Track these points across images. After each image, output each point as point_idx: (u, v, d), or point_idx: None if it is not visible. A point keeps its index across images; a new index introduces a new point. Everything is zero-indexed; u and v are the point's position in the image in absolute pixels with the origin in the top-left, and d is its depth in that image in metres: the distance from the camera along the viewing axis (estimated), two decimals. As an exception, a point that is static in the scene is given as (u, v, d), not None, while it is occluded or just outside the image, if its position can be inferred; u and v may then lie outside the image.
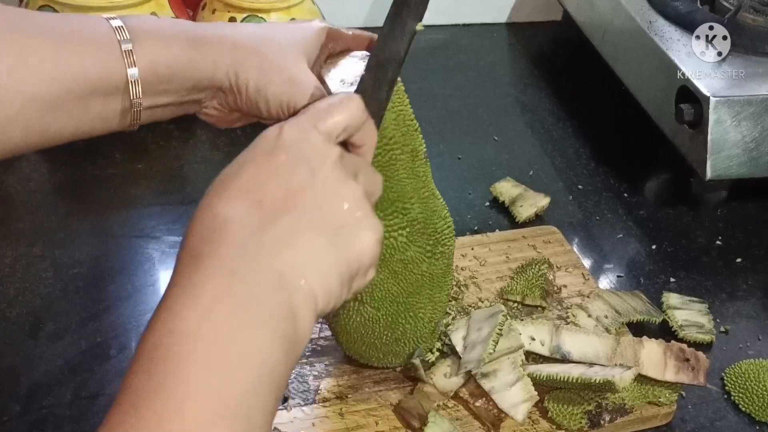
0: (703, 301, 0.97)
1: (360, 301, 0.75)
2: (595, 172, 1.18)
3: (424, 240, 0.74)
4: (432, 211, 0.74)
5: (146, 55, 0.61)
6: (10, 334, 0.85)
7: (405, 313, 0.76)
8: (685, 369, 0.82)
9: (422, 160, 0.73)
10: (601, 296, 0.93)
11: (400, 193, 0.71)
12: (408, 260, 0.73)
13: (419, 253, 0.74)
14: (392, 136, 0.69)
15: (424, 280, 0.75)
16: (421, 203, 0.73)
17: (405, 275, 0.74)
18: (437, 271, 0.76)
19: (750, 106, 1.01)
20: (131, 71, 0.61)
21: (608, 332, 0.88)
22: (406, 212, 0.71)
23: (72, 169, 1.07)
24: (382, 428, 0.78)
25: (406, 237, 0.72)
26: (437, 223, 0.75)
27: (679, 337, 0.91)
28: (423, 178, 0.73)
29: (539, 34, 1.49)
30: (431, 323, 0.79)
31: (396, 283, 0.74)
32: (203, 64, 0.64)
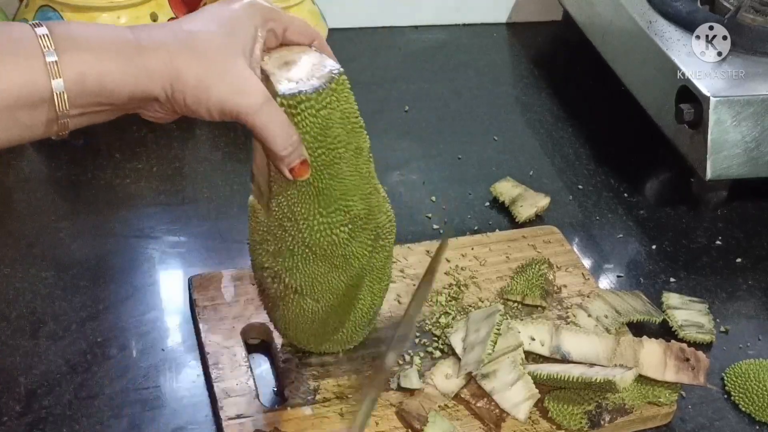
0: (703, 301, 0.97)
1: (300, 294, 0.75)
2: (595, 172, 1.18)
3: (366, 235, 0.74)
4: (374, 207, 0.74)
5: (74, 67, 0.59)
6: (10, 334, 0.85)
7: (345, 304, 0.77)
8: (685, 369, 0.82)
9: (366, 157, 0.72)
10: (601, 296, 0.93)
11: (343, 191, 0.71)
12: (349, 255, 0.74)
13: (360, 247, 0.74)
14: (337, 135, 0.68)
15: (365, 273, 0.76)
16: (363, 200, 0.73)
17: (346, 269, 0.74)
18: (377, 263, 0.77)
19: (750, 106, 1.01)
20: (56, 83, 0.59)
21: (608, 332, 0.88)
22: (348, 209, 0.72)
23: (72, 169, 1.07)
24: (382, 428, 0.78)
25: (348, 233, 0.72)
26: (379, 218, 0.75)
27: (679, 337, 0.91)
28: (366, 175, 0.73)
29: (539, 34, 1.49)
30: (370, 312, 0.81)
31: (336, 276, 0.75)
32: (137, 78, 0.61)
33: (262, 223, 0.74)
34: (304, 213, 0.70)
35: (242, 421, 0.77)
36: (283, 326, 0.80)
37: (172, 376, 0.83)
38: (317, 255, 0.73)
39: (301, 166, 0.67)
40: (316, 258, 0.73)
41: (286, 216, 0.71)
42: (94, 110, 0.63)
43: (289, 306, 0.77)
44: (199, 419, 0.79)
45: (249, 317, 0.86)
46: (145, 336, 0.87)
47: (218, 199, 1.04)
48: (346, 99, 0.69)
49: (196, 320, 0.86)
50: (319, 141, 0.68)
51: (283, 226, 0.71)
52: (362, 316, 0.80)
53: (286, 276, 0.74)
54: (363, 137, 0.72)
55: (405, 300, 0.91)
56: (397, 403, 0.80)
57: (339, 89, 0.68)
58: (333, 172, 0.69)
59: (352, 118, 0.70)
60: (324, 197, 0.70)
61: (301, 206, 0.70)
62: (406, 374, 0.82)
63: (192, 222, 1.01)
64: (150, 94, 0.62)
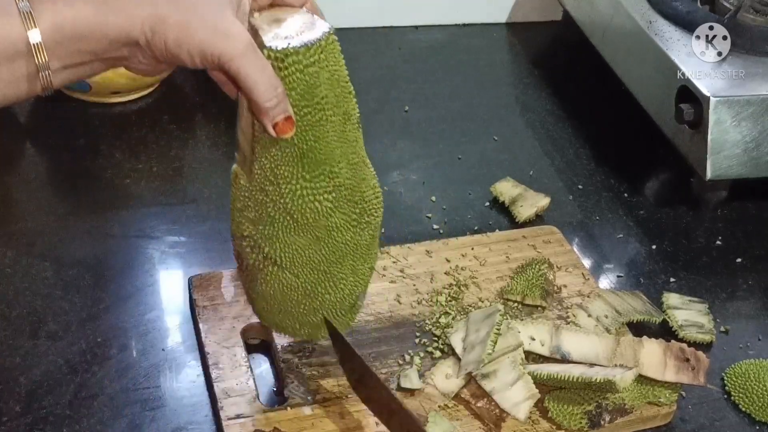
0: (703, 301, 0.97)
1: (280, 266, 0.73)
2: (595, 172, 1.18)
3: (351, 208, 0.72)
4: (361, 179, 0.72)
5: (49, 16, 0.58)
6: (10, 334, 0.85)
7: (325, 282, 0.74)
8: (685, 369, 0.82)
9: (354, 125, 0.70)
10: (601, 296, 0.93)
11: (328, 156, 0.68)
12: (332, 227, 0.71)
13: (344, 220, 0.72)
14: (324, 96, 0.66)
15: (348, 250, 0.73)
16: (349, 169, 0.70)
17: (328, 242, 0.72)
18: (362, 241, 0.74)
19: (750, 106, 1.01)
20: (32, 34, 0.58)
21: (608, 332, 0.88)
22: (333, 176, 0.69)
23: (72, 169, 1.07)
24: (382, 428, 0.78)
25: (332, 202, 0.70)
26: (365, 192, 0.73)
27: (680, 337, 0.91)
28: (354, 144, 0.71)
29: (539, 34, 1.49)
30: (352, 296, 0.77)
31: (318, 250, 0.72)
32: (115, 22, 0.60)
33: (243, 188, 0.71)
34: (287, 176, 0.68)
35: (242, 421, 0.77)
36: (261, 305, 0.77)
37: (172, 376, 0.83)
38: (299, 224, 0.70)
39: (286, 121, 0.65)
40: (298, 227, 0.70)
41: (268, 179, 0.68)
42: (76, 62, 0.61)
43: (268, 280, 0.74)
44: (199, 419, 0.79)
45: (249, 317, 0.86)
46: (145, 336, 0.87)
47: (218, 199, 1.04)
48: (335, 60, 0.67)
49: (196, 320, 0.86)
50: (306, 99, 0.66)
51: (265, 190, 0.69)
52: (344, 299, 0.76)
53: (265, 245, 0.72)
54: (352, 104, 0.70)
55: (405, 300, 0.91)
56: (397, 403, 0.80)
57: (328, 48, 0.66)
58: (318, 134, 0.67)
59: (341, 81, 0.68)
60: (308, 160, 0.68)
61: (284, 168, 0.68)
62: (406, 374, 0.82)
63: (192, 222, 1.01)
64: (130, 38, 0.60)
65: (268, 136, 0.66)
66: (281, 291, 0.74)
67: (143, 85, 1.17)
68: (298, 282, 0.73)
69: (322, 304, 0.75)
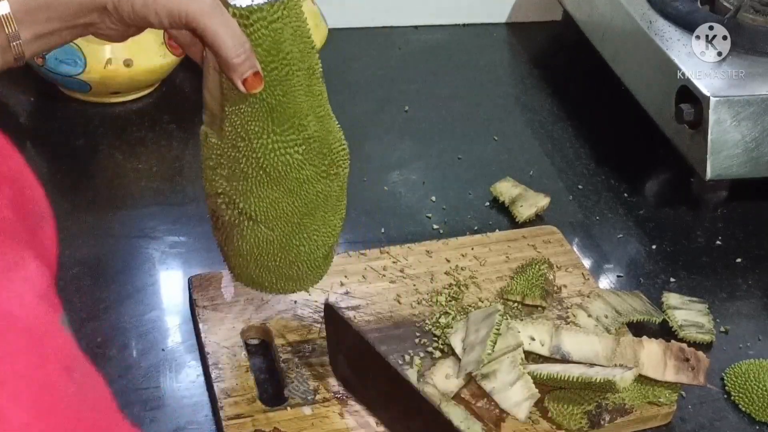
0: (703, 301, 0.97)
1: (254, 221, 0.74)
2: (595, 172, 1.18)
3: (320, 159, 0.73)
4: (328, 131, 0.74)
5: None
6: (10, 334, 0.85)
7: (299, 235, 0.76)
8: (684, 369, 0.82)
9: (318, 78, 0.72)
10: (601, 296, 0.93)
11: (296, 110, 0.70)
12: (303, 179, 0.73)
13: (315, 172, 0.73)
14: (289, 51, 0.68)
15: (319, 201, 0.75)
16: (317, 121, 0.72)
17: (300, 194, 0.74)
18: (332, 192, 0.76)
19: (750, 106, 1.01)
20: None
21: (608, 332, 0.88)
22: (302, 129, 0.71)
23: (72, 169, 1.07)
24: (382, 428, 0.78)
25: (302, 155, 0.72)
26: (333, 144, 0.75)
27: (679, 337, 0.91)
28: (319, 97, 0.72)
29: (539, 34, 1.49)
30: (325, 247, 0.79)
31: (291, 203, 0.74)
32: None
33: (215, 146, 0.73)
34: (257, 131, 0.70)
35: (242, 421, 0.77)
36: (237, 262, 0.79)
37: (172, 376, 0.83)
38: (271, 178, 0.72)
39: (254, 77, 0.66)
40: (271, 181, 0.72)
41: (239, 135, 0.70)
42: (45, 30, 0.61)
43: (244, 235, 0.75)
44: (199, 419, 0.79)
45: (249, 317, 0.86)
46: (145, 336, 0.86)
47: (218, 199, 1.04)
48: (297, 17, 0.69)
49: (196, 320, 0.86)
50: (272, 55, 0.67)
51: (237, 146, 0.71)
52: (317, 249, 0.78)
53: (240, 201, 0.73)
54: (315, 58, 0.72)
55: (405, 300, 0.91)
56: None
57: (290, 4, 0.68)
58: (286, 89, 0.69)
59: (304, 37, 0.70)
60: (277, 114, 0.69)
61: (255, 124, 0.70)
62: (406, 374, 0.82)
63: (192, 222, 1.01)
64: (97, 2, 0.61)
65: (237, 93, 0.68)
66: (257, 245, 0.76)
67: (143, 85, 1.17)
68: (273, 235, 0.75)
69: (298, 257, 0.77)
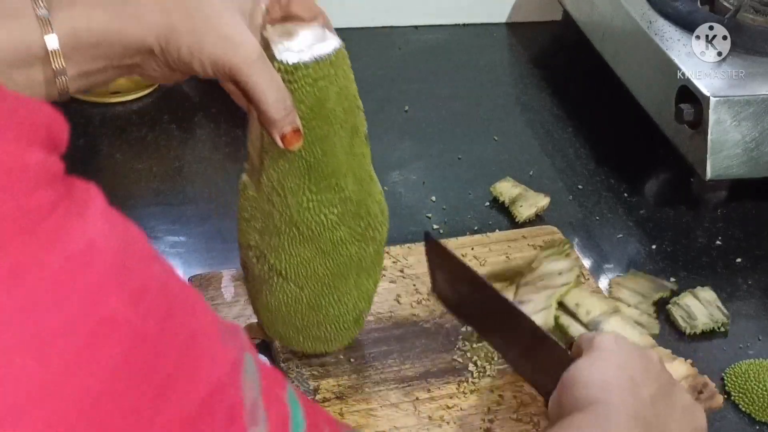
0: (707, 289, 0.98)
1: (284, 278, 0.73)
2: (595, 172, 1.17)
3: (356, 222, 0.73)
4: (367, 194, 0.73)
5: (66, 22, 0.59)
6: (10, 334, 0.85)
7: (329, 296, 0.75)
8: (689, 392, 0.80)
9: (362, 139, 0.71)
10: (621, 284, 0.95)
11: (335, 169, 0.69)
12: (337, 240, 0.72)
13: (349, 234, 0.72)
14: (332, 109, 0.67)
15: (352, 264, 0.74)
16: (356, 183, 0.71)
17: (333, 255, 0.73)
18: (366, 256, 0.75)
19: (750, 106, 1.01)
20: (49, 39, 0.58)
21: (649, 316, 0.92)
22: (339, 189, 0.70)
23: (72, 169, 1.07)
24: (382, 428, 0.78)
25: (337, 216, 0.71)
26: (371, 207, 0.73)
27: (688, 333, 0.93)
28: (360, 158, 0.71)
29: (539, 34, 1.49)
30: (355, 311, 0.78)
31: (323, 263, 0.73)
32: (130, 30, 0.60)
33: (251, 198, 0.72)
34: (293, 188, 0.69)
35: (242, 421, 0.77)
36: (266, 316, 0.78)
37: (172, 376, 0.83)
38: (304, 236, 0.71)
39: (294, 133, 0.66)
40: (303, 239, 0.71)
41: (275, 190, 0.69)
42: (91, 68, 0.62)
43: (273, 291, 0.75)
44: (199, 419, 0.79)
45: (249, 317, 0.86)
46: (145, 336, 0.86)
47: (218, 199, 1.04)
48: (345, 75, 0.68)
49: (196, 320, 0.86)
50: (314, 112, 0.66)
51: (272, 201, 0.70)
52: (347, 313, 0.77)
53: (271, 256, 0.73)
54: (360, 119, 0.71)
55: (405, 300, 0.91)
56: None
57: (338, 63, 0.67)
58: (326, 148, 0.68)
59: (350, 96, 0.69)
60: (315, 172, 0.69)
61: (291, 180, 0.69)
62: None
63: (192, 222, 1.01)
64: (144, 46, 0.61)
65: (277, 148, 0.67)
66: (285, 302, 0.75)
67: (143, 85, 1.17)
68: (302, 294, 0.74)
69: (326, 318, 0.77)
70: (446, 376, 0.84)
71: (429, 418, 0.80)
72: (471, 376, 0.84)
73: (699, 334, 0.93)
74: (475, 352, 0.86)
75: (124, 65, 0.63)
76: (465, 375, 0.84)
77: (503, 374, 0.84)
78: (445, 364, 0.85)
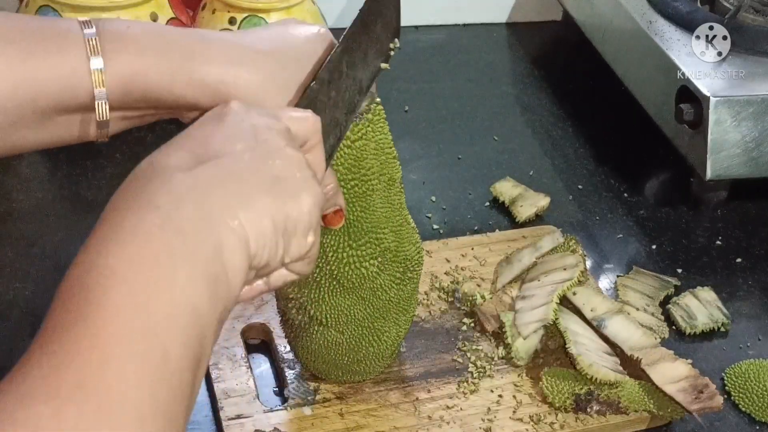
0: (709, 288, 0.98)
1: (324, 325, 0.74)
2: (595, 172, 1.17)
3: (395, 267, 0.73)
4: (403, 239, 0.74)
5: (120, 72, 0.57)
6: (10, 334, 0.85)
7: (369, 337, 0.76)
8: (689, 393, 0.80)
9: (398, 188, 0.72)
10: (628, 285, 0.96)
11: (374, 224, 0.70)
12: (377, 287, 0.73)
13: (389, 280, 0.73)
14: (371, 167, 0.68)
15: (391, 305, 0.75)
16: (393, 232, 0.72)
17: (373, 301, 0.73)
18: (404, 295, 0.76)
19: (750, 106, 1.01)
20: (98, 92, 0.56)
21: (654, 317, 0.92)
22: (379, 242, 0.71)
23: (72, 169, 1.07)
24: (382, 428, 0.78)
25: (377, 266, 0.72)
26: (408, 250, 0.74)
27: (689, 333, 0.93)
28: (397, 206, 0.72)
29: (539, 34, 1.49)
30: (394, 344, 0.79)
31: (363, 309, 0.74)
32: (188, 90, 0.59)
33: None
34: (333, 245, 0.69)
35: (242, 422, 0.77)
36: (305, 356, 0.79)
37: (172, 376, 0.83)
38: (345, 288, 0.72)
39: (335, 215, 0.65)
40: (344, 291, 0.72)
41: None
42: (134, 114, 0.61)
43: (313, 337, 0.76)
44: (199, 419, 0.79)
45: (249, 317, 0.86)
46: (145, 336, 0.86)
47: (218, 199, 1.04)
48: (381, 129, 0.68)
49: (196, 320, 0.86)
50: (353, 173, 0.67)
51: None
52: (386, 348, 0.78)
53: (311, 308, 0.73)
54: (396, 168, 0.71)
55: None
56: (396, 402, 0.80)
57: (375, 120, 0.67)
58: (365, 205, 0.69)
59: (386, 149, 0.69)
60: (354, 230, 0.69)
61: (330, 237, 0.69)
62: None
63: (192, 222, 1.01)
64: (197, 105, 0.60)
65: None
66: (326, 346, 0.76)
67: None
68: (343, 338, 0.75)
69: (366, 356, 0.77)
70: (446, 376, 0.84)
71: (429, 418, 0.80)
72: (471, 376, 0.84)
73: (699, 334, 0.94)
74: (475, 352, 0.86)
75: (168, 112, 0.62)
76: (465, 375, 0.84)
77: (503, 374, 0.85)
78: (445, 364, 0.85)
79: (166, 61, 0.58)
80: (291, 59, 0.62)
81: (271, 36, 0.64)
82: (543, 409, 0.81)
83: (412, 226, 0.76)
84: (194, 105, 0.60)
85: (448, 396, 0.82)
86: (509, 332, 0.85)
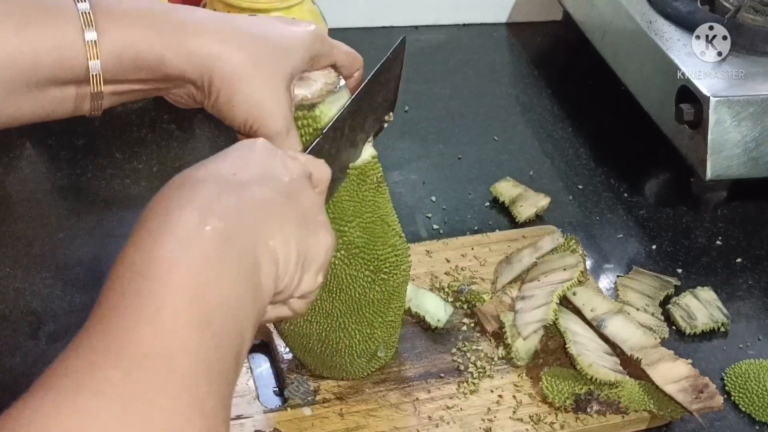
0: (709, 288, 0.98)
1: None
2: (595, 172, 1.17)
3: (363, 265, 0.73)
4: (375, 238, 0.74)
5: (113, 43, 0.58)
6: (10, 334, 0.85)
7: (339, 331, 0.76)
8: (689, 394, 0.80)
9: (372, 185, 0.73)
10: (628, 286, 0.96)
11: (338, 215, 0.71)
12: (343, 282, 0.73)
13: (355, 277, 0.73)
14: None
15: (362, 303, 0.75)
16: (361, 228, 0.72)
17: (340, 295, 0.74)
18: (378, 297, 0.76)
19: (750, 106, 1.01)
20: (92, 64, 0.58)
21: (655, 318, 0.92)
22: (342, 234, 0.71)
23: (72, 169, 1.07)
24: (382, 428, 0.78)
25: (341, 259, 0.72)
26: (379, 250, 0.74)
27: (689, 333, 0.93)
28: (370, 203, 0.73)
29: (539, 34, 1.49)
30: (367, 343, 0.79)
31: (330, 301, 0.74)
32: (177, 61, 0.60)
33: None
34: None
35: (242, 422, 0.77)
36: (287, 341, 0.81)
37: (172, 376, 0.83)
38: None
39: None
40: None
41: None
42: (127, 89, 0.62)
43: (287, 324, 0.77)
44: (199, 419, 0.79)
45: (249, 317, 0.86)
46: (145, 336, 0.86)
47: (218, 199, 1.04)
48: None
49: (196, 320, 0.86)
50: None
51: None
52: (359, 345, 0.78)
53: None
54: (371, 165, 0.73)
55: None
56: (395, 402, 0.80)
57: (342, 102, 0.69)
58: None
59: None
60: None
61: None
62: None
63: (192, 222, 1.01)
64: (186, 78, 0.61)
65: None
66: (298, 333, 0.77)
67: (143, 85, 1.17)
68: (312, 329, 0.76)
69: (337, 350, 0.78)
70: (446, 376, 0.84)
71: (429, 418, 0.80)
72: (471, 376, 0.84)
73: (699, 334, 0.94)
74: (475, 352, 0.86)
75: (158, 88, 0.63)
76: (465, 375, 0.84)
77: (503, 374, 0.85)
78: (445, 364, 0.85)
79: (156, 33, 0.59)
80: (279, 48, 0.64)
81: (262, 22, 0.66)
82: (543, 409, 0.81)
83: (392, 229, 0.76)
84: (181, 76, 0.61)
85: (448, 396, 0.82)
86: (509, 332, 0.85)
